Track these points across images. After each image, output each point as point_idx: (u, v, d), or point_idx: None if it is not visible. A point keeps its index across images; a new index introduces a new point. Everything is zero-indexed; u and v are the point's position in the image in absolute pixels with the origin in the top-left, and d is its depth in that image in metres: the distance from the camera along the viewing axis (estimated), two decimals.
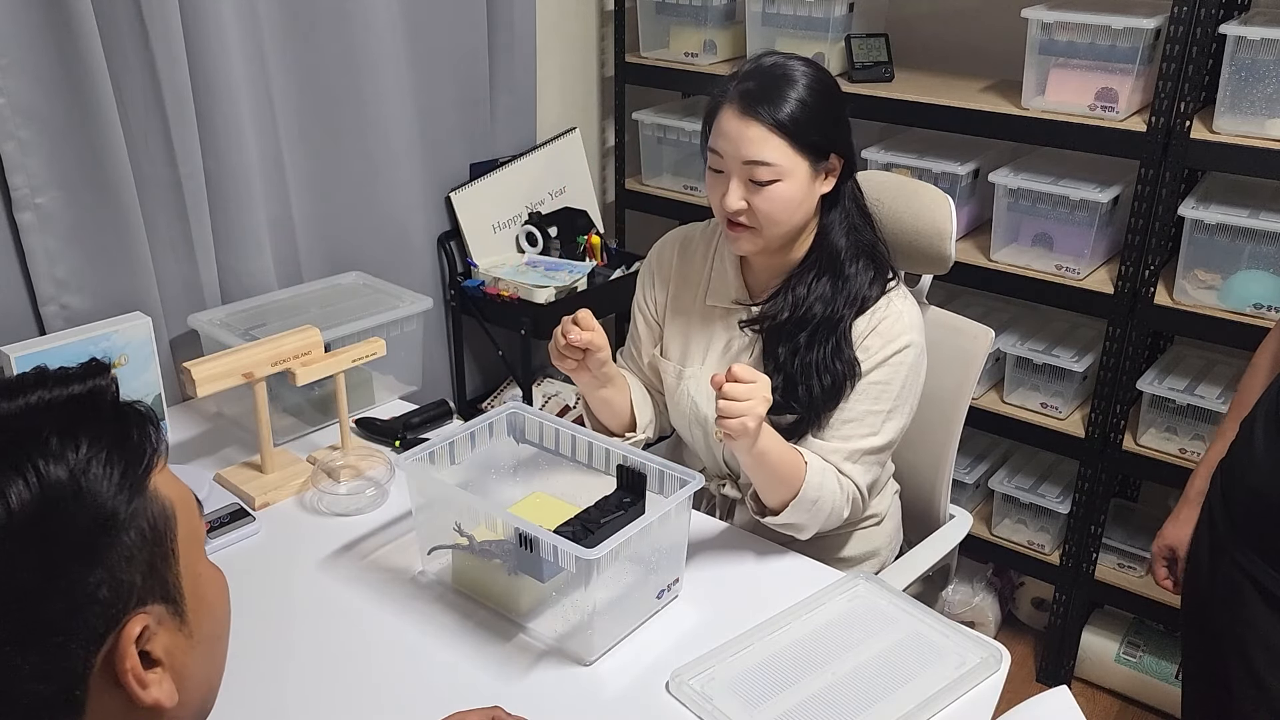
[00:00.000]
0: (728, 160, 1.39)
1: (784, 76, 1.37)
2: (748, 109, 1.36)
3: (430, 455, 1.40)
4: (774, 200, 1.38)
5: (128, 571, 0.66)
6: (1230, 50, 1.86)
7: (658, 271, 1.63)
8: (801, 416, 1.45)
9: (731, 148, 1.37)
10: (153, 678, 0.68)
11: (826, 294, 1.44)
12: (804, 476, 1.38)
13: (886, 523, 1.66)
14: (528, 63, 2.47)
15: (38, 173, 1.62)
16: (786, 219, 1.41)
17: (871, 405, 1.44)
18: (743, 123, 1.36)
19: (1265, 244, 1.92)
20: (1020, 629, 2.57)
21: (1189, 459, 2.06)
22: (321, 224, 2.13)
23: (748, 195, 1.38)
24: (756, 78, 1.38)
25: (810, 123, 1.36)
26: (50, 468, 0.63)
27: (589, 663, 1.27)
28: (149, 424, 0.71)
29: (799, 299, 1.45)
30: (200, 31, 1.76)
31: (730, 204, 1.39)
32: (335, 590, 1.40)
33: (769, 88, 1.36)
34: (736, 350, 1.53)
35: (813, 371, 1.43)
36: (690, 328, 1.58)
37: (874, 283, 1.46)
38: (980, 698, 1.23)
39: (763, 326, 1.49)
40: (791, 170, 1.37)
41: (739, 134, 1.36)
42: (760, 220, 1.40)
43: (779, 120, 1.35)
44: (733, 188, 1.39)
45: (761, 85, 1.37)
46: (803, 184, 1.39)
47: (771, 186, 1.37)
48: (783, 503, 1.40)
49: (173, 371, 1.82)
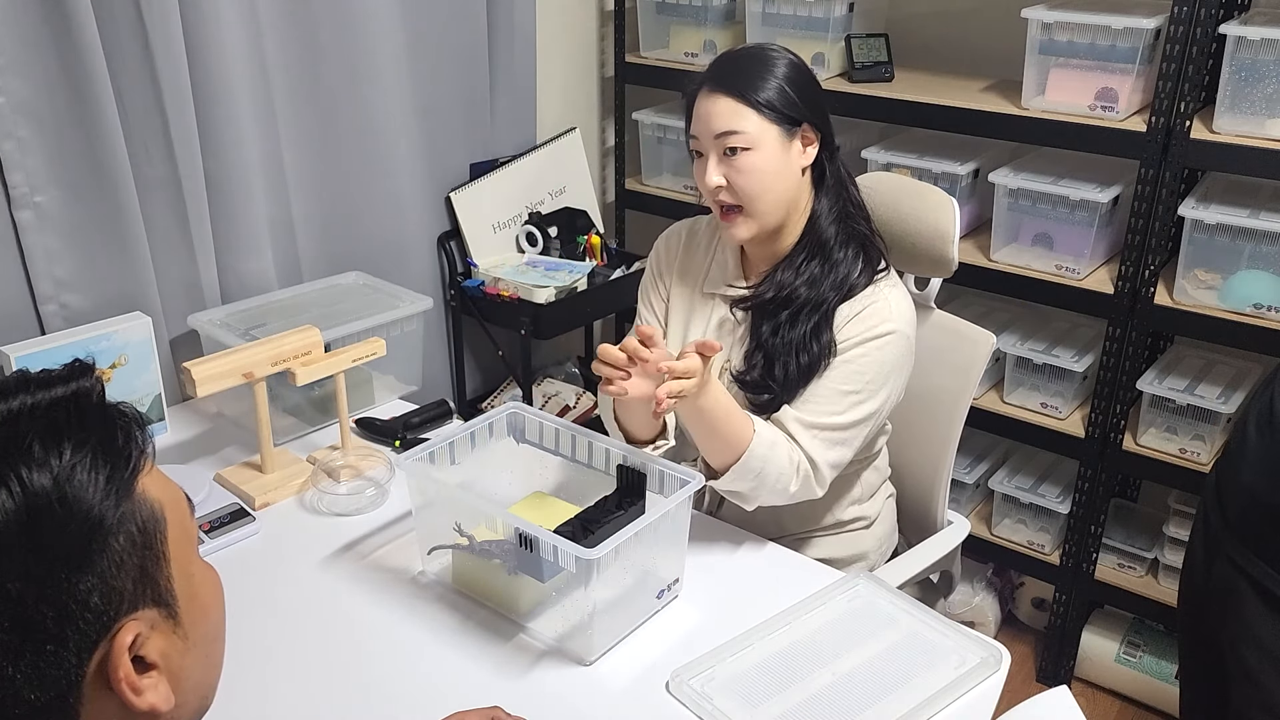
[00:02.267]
0: (703, 139, 1.44)
1: (751, 57, 1.44)
2: (716, 88, 1.42)
3: (430, 455, 1.40)
4: (748, 171, 1.41)
5: (118, 577, 0.65)
6: (1230, 50, 1.86)
7: (664, 261, 1.63)
8: (775, 395, 1.46)
9: (704, 126, 1.43)
10: (147, 682, 0.68)
11: (813, 277, 1.47)
12: (749, 442, 1.37)
13: (877, 526, 1.66)
14: (528, 63, 2.47)
15: (37, 171, 1.62)
16: (765, 189, 1.42)
17: (840, 384, 1.44)
18: (711, 100, 1.42)
19: (1265, 244, 1.92)
20: (1020, 629, 2.57)
21: (1189, 459, 2.06)
22: (321, 224, 2.13)
23: (724, 170, 1.42)
24: (725, 62, 1.45)
25: (775, 91, 1.41)
26: (33, 476, 0.62)
27: (589, 662, 1.27)
28: (135, 425, 0.70)
29: (786, 281, 1.48)
30: (200, 31, 1.76)
31: (710, 180, 1.42)
32: (335, 590, 1.40)
33: (736, 67, 1.43)
34: (728, 330, 1.55)
35: (791, 350, 1.45)
36: (689, 315, 1.59)
37: (863, 271, 1.48)
38: (980, 698, 1.23)
39: (751, 305, 1.51)
40: (760, 137, 1.40)
41: (709, 111, 1.42)
42: (741, 195, 1.42)
43: (746, 90, 1.40)
44: (710, 165, 1.43)
45: (729, 66, 1.44)
46: (775, 153, 1.42)
47: (744, 156, 1.40)
48: (725, 465, 1.40)
49: (173, 371, 1.82)
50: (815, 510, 1.59)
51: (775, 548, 1.50)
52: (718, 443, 1.38)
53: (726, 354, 1.54)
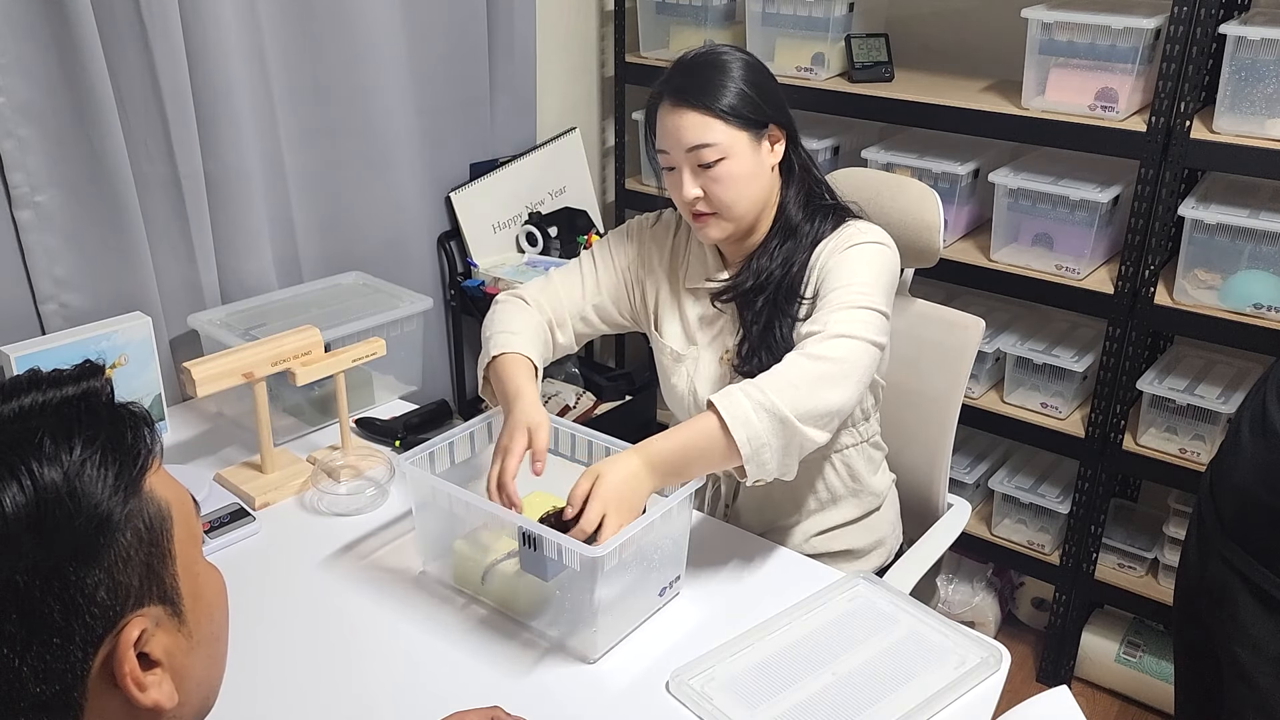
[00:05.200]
0: (674, 154, 1.43)
1: (706, 64, 1.42)
2: (679, 101, 1.40)
3: (430, 455, 1.40)
4: (725, 180, 1.41)
5: (125, 573, 0.66)
6: (1230, 50, 1.86)
7: (649, 242, 1.61)
8: None
9: (672, 141, 1.42)
10: (151, 679, 0.68)
11: (786, 258, 1.47)
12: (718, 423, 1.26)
13: (887, 509, 1.67)
14: (528, 63, 2.47)
15: (37, 171, 1.62)
16: (742, 196, 1.43)
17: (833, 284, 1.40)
18: (677, 114, 1.40)
19: (1265, 244, 1.92)
20: (1020, 629, 2.57)
21: (1189, 459, 2.06)
22: (321, 224, 2.13)
23: (701, 183, 1.42)
24: (680, 72, 1.43)
25: (739, 96, 1.40)
26: (44, 471, 0.63)
27: (593, 661, 1.27)
28: (144, 425, 0.71)
29: (763, 267, 1.48)
30: (200, 31, 1.76)
31: (688, 194, 1.42)
32: (335, 590, 1.40)
33: (693, 76, 1.41)
34: (719, 325, 1.55)
35: (777, 326, 1.45)
36: (681, 311, 1.59)
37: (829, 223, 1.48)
38: (980, 698, 1.23)
39: (732, 297, 1.51)
40: (732, 146, 1.40)
41: (676, 125, 1.41)
42: (718, 203, 1.43)
43: (708, 102, 1.39)
44: (686, 179, 1.42)
45: (686, 77, 1.42)
46: (748, 158, 1.42)
47: (719, 166, 1.40)
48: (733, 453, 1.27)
49: (173, 371, 1.82)
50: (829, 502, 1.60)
51: (775, 547, 1.50)
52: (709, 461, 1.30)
53: (722, 344, 1.54)
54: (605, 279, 1.60)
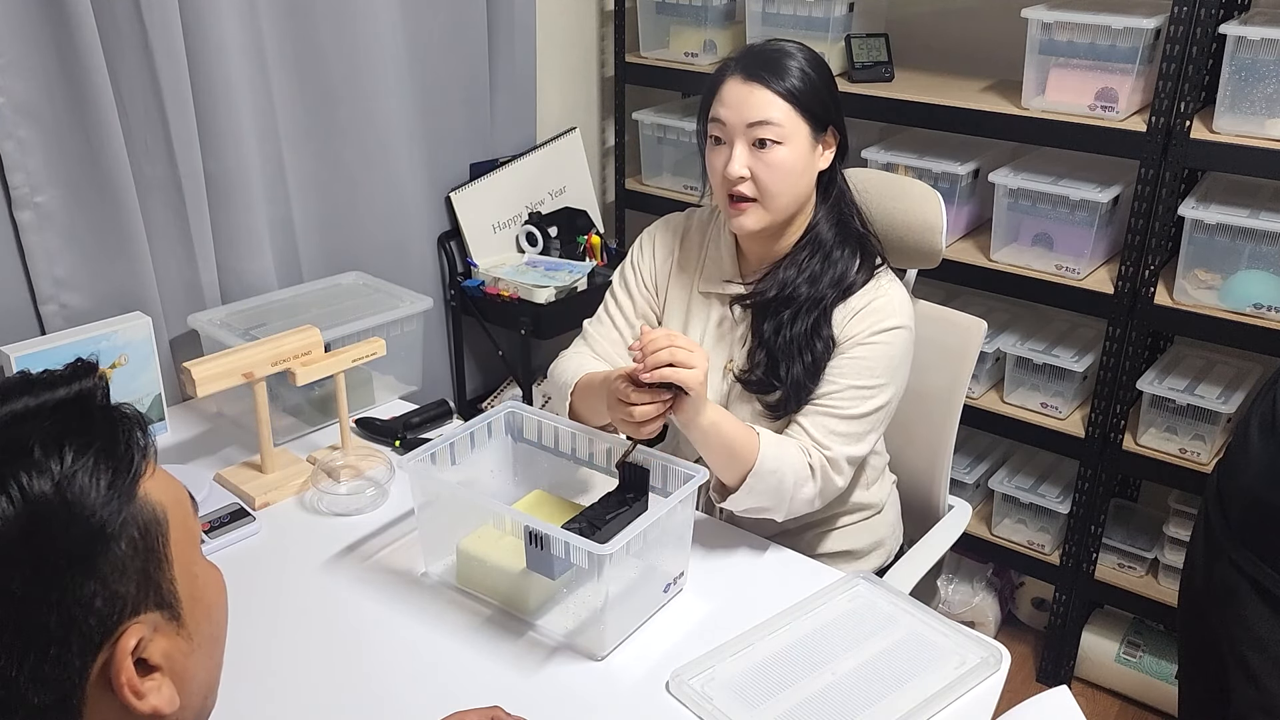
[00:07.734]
0: (730, 127, 1.42)
1: (783, 52, 1.44)
2: (752, 75, 1.41)
3: (431, 455, 1.40)
4: (776, 165, 1.40)
5: (121, 581, 0.65)
6: (1230, 50, 1.86)
7: (659, 255, 1.63)
8: (785, 394, 1.47)
9: (735, 113, 1.41)
10: (150, 685, 0.67)
11: (814, 275, 1.48)
12: (758, 448, 1.38)
13: (887, 512, 1.67)
14: (528, 63, 2.47)
15: (37, 171, 1.62)
16: (787, 187, 1.43)
17: (852, 380, 1.45)
18: (747, 88, 1.40)
19: (1265, 244, 1.92)
20: (1020, 629, 2.57)
21: (1189, 459, 2.06)
22: (321, 224, 2.12)
23: (750, 162, 1.41)
24: (757, 53, 1.44)
25: (811, 91, 1.41)
26: (34, 481, 0.62)
27: (601, 658, 1.27)
28: (137, 428, 0.69)
29: (787, 279, 1.48)
30: (200, 31, 1.76)
31: (734, 170, 1.41)
32: (336, 590, 1.40)
33: (771, 60, 1.42)
34: (727, 329, 1.55)
35: (794, 349, 1.46)
36: (688, 314, 1.59)
37: (861, 268, 1.49)
38: (980, 698, 1.23)
39: (751, 303, 1.51)
40: (794, 133, 1.40)
41: (743, 98, 1.40)
42: (761, 188, 1.42)
43: (783, 83, 1.40)
44: (736, 153, 1.41)
45: (761, 57, 1.43)
46: (803, 151, 1.42)
47: (774, 150, 1.40)
48: (740, 477, 1.39)
49: (173, 371, 1.82)
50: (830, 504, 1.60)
51: (775, 546, 1.50)
52: (730, 455, 1.38)
53: (729, 354, 1.54)
54: (630, 311, 1.63)
